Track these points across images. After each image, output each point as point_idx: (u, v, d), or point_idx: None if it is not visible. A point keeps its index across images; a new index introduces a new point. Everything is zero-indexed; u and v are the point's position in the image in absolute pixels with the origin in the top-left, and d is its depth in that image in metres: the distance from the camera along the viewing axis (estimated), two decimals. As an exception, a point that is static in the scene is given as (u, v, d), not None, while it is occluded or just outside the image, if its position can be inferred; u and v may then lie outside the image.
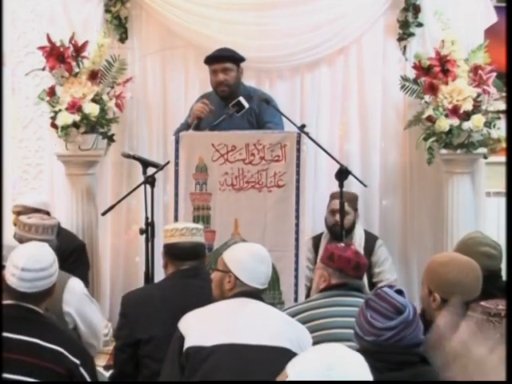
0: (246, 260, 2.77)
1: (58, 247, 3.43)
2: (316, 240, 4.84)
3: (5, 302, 2.66)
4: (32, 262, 2.64)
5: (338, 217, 4.53)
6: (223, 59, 4.48)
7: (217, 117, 4.32)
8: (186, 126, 4.40)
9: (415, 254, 5.23)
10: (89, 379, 2.58)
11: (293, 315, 2.94)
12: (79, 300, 3.44)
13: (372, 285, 4.65)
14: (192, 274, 3.13)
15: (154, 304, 3.08)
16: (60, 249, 3.46)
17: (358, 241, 4.75)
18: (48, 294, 2.69)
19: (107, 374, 3.65)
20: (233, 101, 4.30)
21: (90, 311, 3.50)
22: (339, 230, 4.49)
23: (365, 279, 4.62)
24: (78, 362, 2.55)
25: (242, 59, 4.55)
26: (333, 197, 4.68)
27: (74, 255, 4.30)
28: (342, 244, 3.22)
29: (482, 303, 2.25)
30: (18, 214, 4.33)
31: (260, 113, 4.47)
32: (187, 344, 2.58)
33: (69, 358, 2.54)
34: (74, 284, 3.45)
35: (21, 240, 3.48)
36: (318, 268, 3.17)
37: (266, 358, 2.52)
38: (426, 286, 2.81)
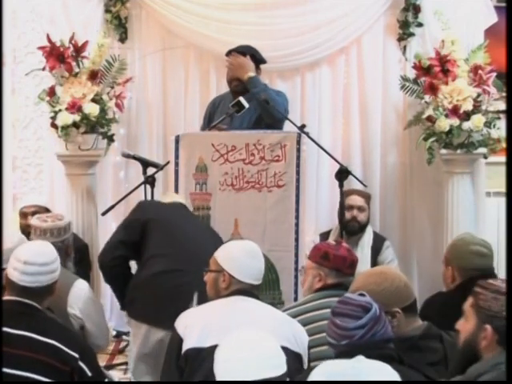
0: (238, 257, 2.76)
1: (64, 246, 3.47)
2: (325, 236, 4.84)
3: (6, 297, 2.62)
4: (35, 256, 2.61)
5: (355, 212, 4.73)
6: (243, 54, 4.47)
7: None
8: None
9: (415, 254, 5.23)
10: (89, 373, 2.54)
11: (291, 317, 2.91)
12: (84, 302, 3.40)
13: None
14: None
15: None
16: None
17: (367, 239, 4.78)
18: (49, 291, 2.66)
19: (108, 373, 3.64)
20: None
21: (95, 312, 3.47)
22: (356, 226, 4.72)
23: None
24: (76, 355, 2.51)
25: (263, 60, 4.54)
26: (350, 193, 4.70)
27: (77, 256, 4.29)
28: (333, 242, 3.15)
29: (490, 281, 2.21)
30: (33, 214, 4.36)
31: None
32: (185, 346, 2.57)
33: (66, 351, 2.50)
34: (80, 286, 3.41)
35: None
36: (309, 268, 3.07)
37: None
38: None
